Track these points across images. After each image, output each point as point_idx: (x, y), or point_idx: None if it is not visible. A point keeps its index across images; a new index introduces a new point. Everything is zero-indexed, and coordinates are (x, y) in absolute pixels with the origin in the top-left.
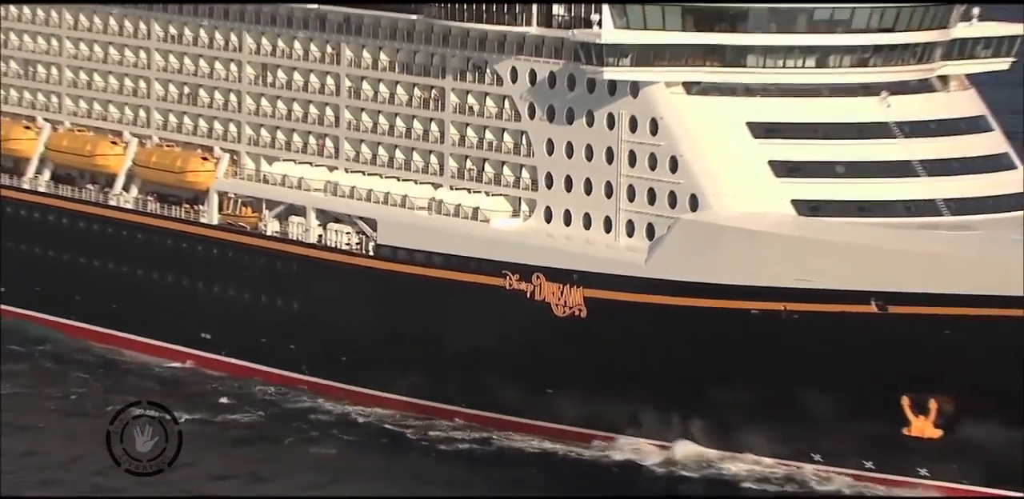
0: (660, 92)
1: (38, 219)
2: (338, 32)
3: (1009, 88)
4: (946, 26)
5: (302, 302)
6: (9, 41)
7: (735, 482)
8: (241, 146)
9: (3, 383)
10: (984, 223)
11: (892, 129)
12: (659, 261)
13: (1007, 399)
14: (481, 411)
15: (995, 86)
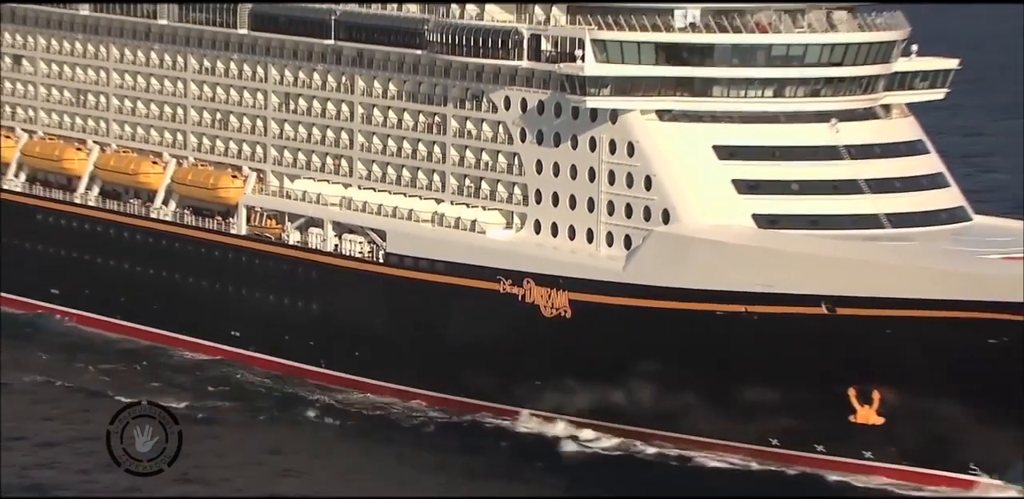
0: (636, 119)
1: (89, 230)
2: (352, 65)
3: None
4: (888, 61)
5: (320, 304)
6: (63, 72)
7: (702, 465)
8: (266, 165)
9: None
10: (921, 235)
11: (840, 152)
12: (635, 268)
13: (939, 390)
14: (477, 400)
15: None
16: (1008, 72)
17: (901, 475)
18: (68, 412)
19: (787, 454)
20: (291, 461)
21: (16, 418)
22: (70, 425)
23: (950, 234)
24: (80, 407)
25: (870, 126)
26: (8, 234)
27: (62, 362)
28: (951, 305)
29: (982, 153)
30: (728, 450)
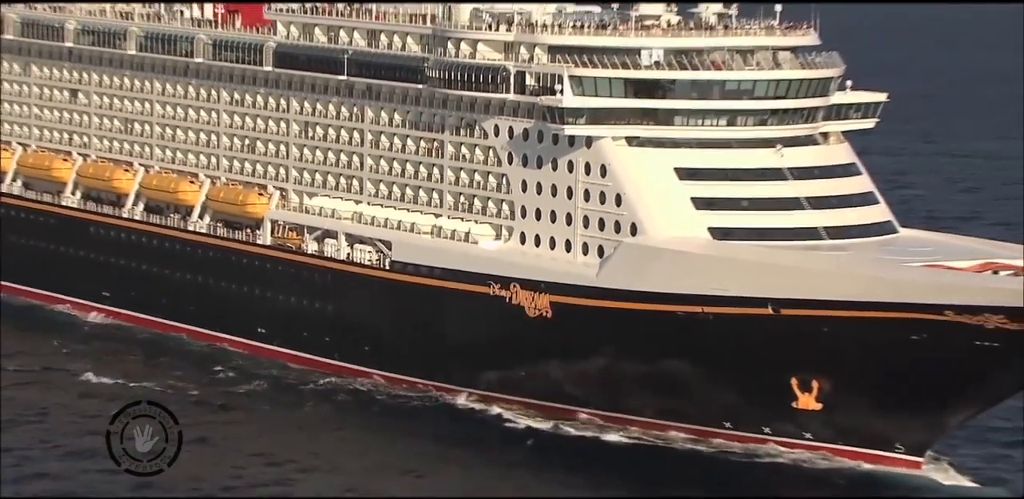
0: (608, 144)
1: (135, 241)
2: (362, 98)
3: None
4: (826, 94)
5: (334, 305)
6: (113, 104)
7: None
8: (288, 184)
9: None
10: (854, 246)
11: (784, 173)
12: (607, 274)
13: (869, 379)
14: (471, 388)
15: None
16: (928, 100)
17: (835, 453)
18: (78, 409)
19: (738, 435)
20: (310, 436)
21: (23, 411)
22: (73, 424)
23: (879, 245)
24: (87, 404)
25: (810, 151)
26: (65, 244)
27: (109, 354)
28: (879, 306)
29: (902, 171)
30: (688, 431)
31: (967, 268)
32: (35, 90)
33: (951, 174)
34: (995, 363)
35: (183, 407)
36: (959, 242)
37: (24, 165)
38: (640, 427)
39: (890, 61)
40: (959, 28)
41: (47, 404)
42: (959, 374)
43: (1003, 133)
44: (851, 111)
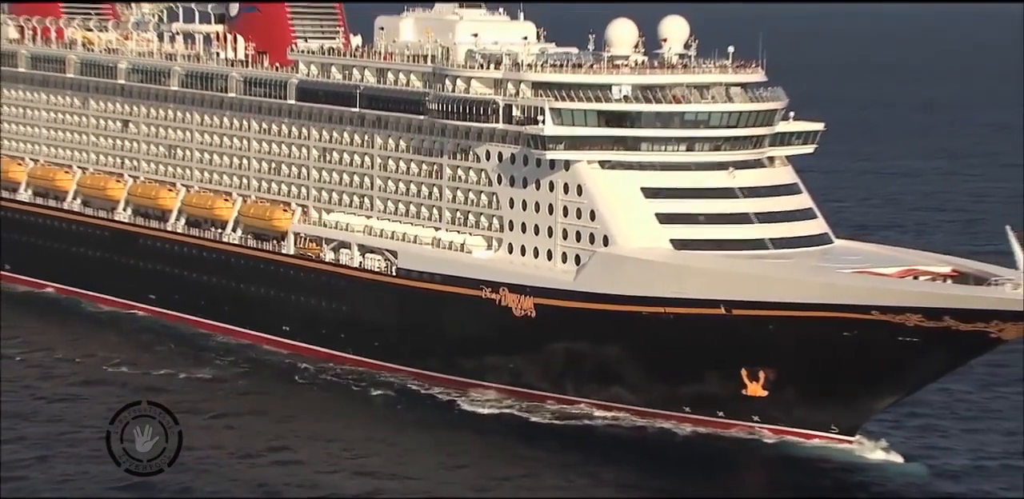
0: (583, 167)
1: (177, 250)
2: (372, 127)
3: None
4: (772, 124)
5: (349, 306)
6: (158, 132)
7: (632, 425)
8: (309, 202)
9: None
10: (796, 255)
11: (736, 192)
12: (583, 279)
13: (807, 370)
14: (467, 378)
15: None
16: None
17: (779, 433)
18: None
19: (695, 418)
20: (330, 416)
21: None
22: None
23: (817, 254)
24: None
25: (758, 173)
26: (117, 254)
27: (146, 346)
28: (816, 307)
29: (834, 186)
30: (651, 415)
31: (891, 274)
32: (92, 121)
33: (875, 189)
34: (914, 355)
35: (215, 392)
36: (885, 251)
37: (83, 186)
38: (612, 411)
39: (828, 93)
40: (893, 61)
41: (87, 382)
42: (884, 365)
43: (924, 154)
44: (793, 138)
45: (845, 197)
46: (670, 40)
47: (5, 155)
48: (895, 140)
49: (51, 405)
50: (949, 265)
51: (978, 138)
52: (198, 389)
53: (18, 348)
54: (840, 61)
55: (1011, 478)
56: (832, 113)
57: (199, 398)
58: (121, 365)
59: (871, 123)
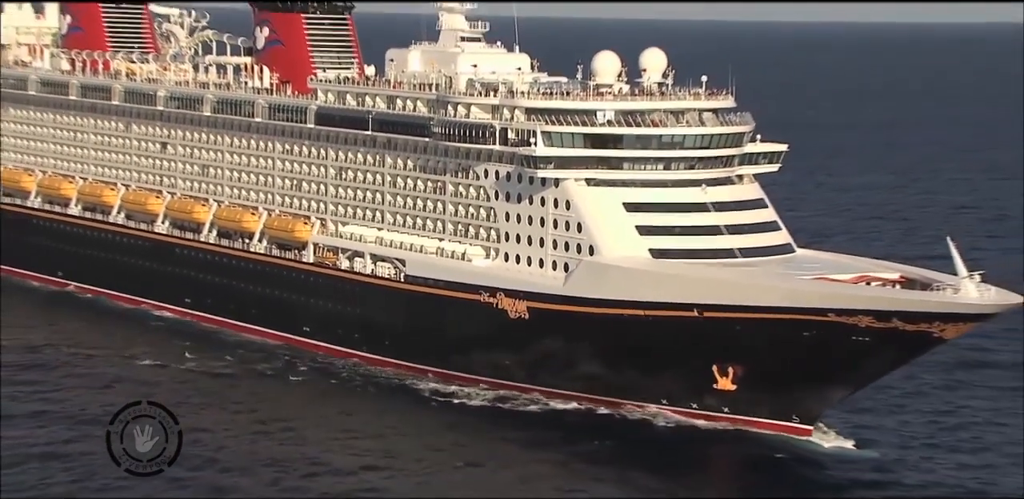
0: (571, 184)
1: (209, 259)
2: (383, 148)
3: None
4: (740, 145)
5: (362, 309)
6: (193, 153)
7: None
8: (327, 216)
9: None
10: (761, 263)
11: (708, 207)
12: (571, 285)
13: (771, 366)
14: (467, 374)
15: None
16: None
17: (749, 424)
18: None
19: (671, 409)
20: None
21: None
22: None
23: (780, 262)
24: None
25: (728, 189)
26: (156, 262)
27: (178, 343)
28: (779, 310)
29: (796, 198)
30: (634, 407)
31: (847, 280)
32: (134, 143)
33: (832, 200)
34: (866, 353)
35: (248, 378)
36: (841, 260)
37: (126, 201)
38: (596, 403)
39: (798, 113)
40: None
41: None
42: (839, 362)
43: (878, 170)
44: (760, 158)
45: (806, 208)
46: (649, 70)
47: (57, 173)
48: (854, 157)
49: (92, 392)
50: (898, 272)
51: (925, 156)
52: (228, 379)
53: (66, 343)
54: (814, 85)
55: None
56: (801, 132)
57: (226, 386)
58: (155, 358)
59: (834, 142)
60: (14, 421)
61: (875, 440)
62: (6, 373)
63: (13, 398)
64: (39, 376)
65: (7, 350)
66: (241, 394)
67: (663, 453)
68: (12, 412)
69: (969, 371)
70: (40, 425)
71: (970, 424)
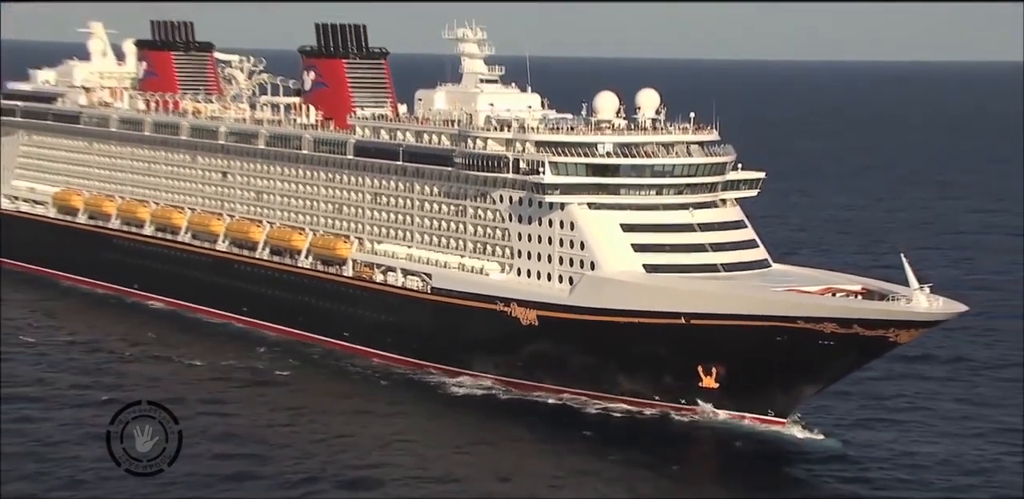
0: (575, 208)
1: (263, 273)
2: (412, 176)
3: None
4: (723, 173)
5: (396, 316)
6: (249, 181)
7: (614, 408)
8: (364, 235)
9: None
10: (741, 276)
11: (695, 227)
12: (575, 296)
13: (749, 367)
14: (484, 373)
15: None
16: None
17: (728, 416)
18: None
19: (664, 405)
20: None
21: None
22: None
23: (758, 276)
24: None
25: (713, 212)
26: (217, 276)
27: (237, 346)
28: (756, 318)
29: (778, 215)
30: (630, 403)
31: (815, 291)
32: (199, 172)
33: (808, 217)
34: (831, 356)
35: (296, 378)
36: (811, 273)
37: (192, 223)
38: (596, 399)
39: (781, 142)
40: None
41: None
42: (808, 362)
43: (848, 192)
44: (741, 184)
45: (782, 224)
46: (644, 107)
47: (134, 199)
48: (828, 180)
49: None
50: (860, 284)
51: (894, 180)
52: (283, 375)
53: (139, 345)
54: (800, 115)
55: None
56: (780, 158)
57: (286, 381)
58: (204, 358)
59: (811, 166)
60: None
61: (840, 432)
62: (92, 364)
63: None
64: (124, 368)
65: (92, 346)
66: (287, 389)
67: (655, 441)
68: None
69: (909, 365)
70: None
71: (911, 408)
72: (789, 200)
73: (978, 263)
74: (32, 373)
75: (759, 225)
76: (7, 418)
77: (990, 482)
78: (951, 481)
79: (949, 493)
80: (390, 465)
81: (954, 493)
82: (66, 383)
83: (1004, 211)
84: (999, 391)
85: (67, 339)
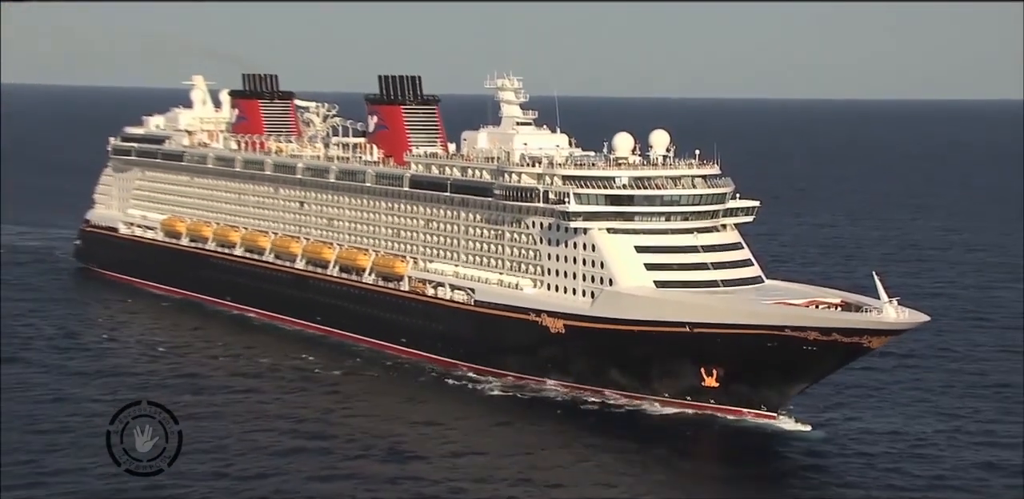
0: (597, 232)
1: (334, 288)
2: (459, 205)
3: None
4: (724, 202)
5: (444, 325)
6: (322, 209)
7: (637, 407)
8: (418, 255)
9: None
10: (738, 291)
11: (698, 249)
12: (596, 308)
13: (744, 369)
14: (518, 373)
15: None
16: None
17: (729, 412)
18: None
19: (673, 401)
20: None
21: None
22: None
23: (752, 290)
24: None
25: (714, 235)
26: (296, 290)
27: (314, 350)
28: (750, 327)
29: (772, 233)
30: (645, 399)
31: (800, 304)
32: (280, 202)
33: (802, 235)
34: (815, 359)
35: (363, 376)
36: (798, 288)
37: (275, 245)
38: (614, 395)
39: (778, 169)
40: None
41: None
42: (795, 365)
43: (826, 212)
44: (738, 212)
45: (775, 240)
46: (656, 146)
47: (226, 225)
48: (817, 202)
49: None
50: (839, 298)
51: (869, 202)
52: (349, 373)
53: (228, 350)
54: (797, 149)
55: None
56: (777, 182)
57: (356, 378)
58: (298, 359)
59: (803, 191)
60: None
61: (825, 424)
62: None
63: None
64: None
65: (186, 349)
66: (367, 382)
67: (665, 430)
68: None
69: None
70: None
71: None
72: (782, 220)
73: (937, 273)
74: (132, 364)
75: (754, 242)
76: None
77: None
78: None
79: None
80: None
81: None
82: (166, 374)
83: (966, 230)
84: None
85: (166, 338)
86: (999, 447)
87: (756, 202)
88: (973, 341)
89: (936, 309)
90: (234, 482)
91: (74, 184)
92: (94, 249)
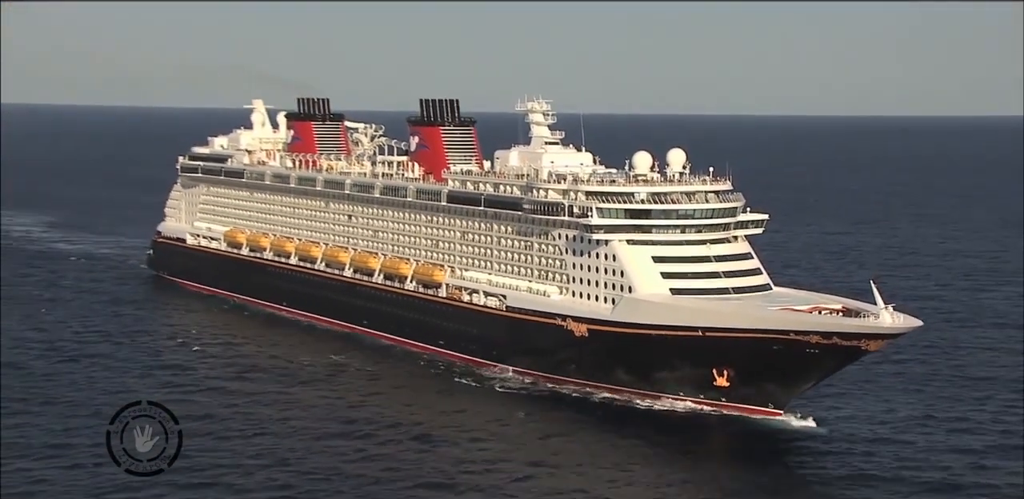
0: (617, 244)
1: (379, 294)
2: (491, 218)
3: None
4: (735, 215)
5: (478, 329)
6: (368, 222)
7: (650, 406)
8: (455, 264)
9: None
10: (748, 298)
11: (711, 259)
12: (617, 314)
13: (752, 369)
14: (547, 373)
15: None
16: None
17: (739, 409)
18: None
19: (686, 399)
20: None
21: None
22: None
23: (761, 297)
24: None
25: (726, 246)
26: (345, 296)
27: (358, 351)
28: (757, 331)
29: (780, 242)
30: (658, 398)
31: (804, 310)
32: (330, 216)
33: (803, 242)
34: (817, 361)
35: (402, 375)
36: (802, 295)
37: (325, 254)
38: (633, 395)
39: (789, 180)
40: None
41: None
42: (799, 366)
43: (830, 220)
44: (748, 224)
45: (783, 248)
46: (672, 164)
47: (282, 236)
48: (826, 213)
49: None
50: (840, 304)
51: (869, 212)
52: (390, 371)
53: (278, 348)
54: (803, 161)
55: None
56: (787, 193)
57: (393, 377)
58: (343, 357)
59: (810, 201)
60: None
61: (829, 420)
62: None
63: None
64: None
65: (245, 349)
66: (402, 380)
67: (679, 425)
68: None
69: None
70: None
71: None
72: (791, 228)
73: (933, 278)
74: (182, 360)
75: (765, 249)
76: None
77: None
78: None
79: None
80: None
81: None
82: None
83: (961, 238)
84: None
85: (226, 339)
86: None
87: (765, 215)
88: (957, 339)
89: (936, 310)
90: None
91: (147, 197)
92: (165, 258)
